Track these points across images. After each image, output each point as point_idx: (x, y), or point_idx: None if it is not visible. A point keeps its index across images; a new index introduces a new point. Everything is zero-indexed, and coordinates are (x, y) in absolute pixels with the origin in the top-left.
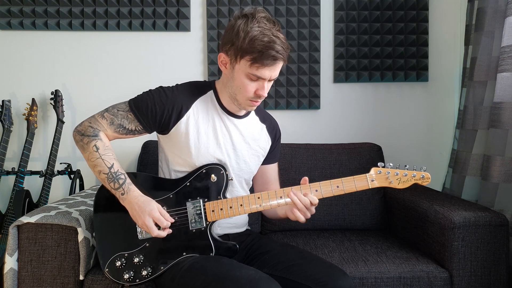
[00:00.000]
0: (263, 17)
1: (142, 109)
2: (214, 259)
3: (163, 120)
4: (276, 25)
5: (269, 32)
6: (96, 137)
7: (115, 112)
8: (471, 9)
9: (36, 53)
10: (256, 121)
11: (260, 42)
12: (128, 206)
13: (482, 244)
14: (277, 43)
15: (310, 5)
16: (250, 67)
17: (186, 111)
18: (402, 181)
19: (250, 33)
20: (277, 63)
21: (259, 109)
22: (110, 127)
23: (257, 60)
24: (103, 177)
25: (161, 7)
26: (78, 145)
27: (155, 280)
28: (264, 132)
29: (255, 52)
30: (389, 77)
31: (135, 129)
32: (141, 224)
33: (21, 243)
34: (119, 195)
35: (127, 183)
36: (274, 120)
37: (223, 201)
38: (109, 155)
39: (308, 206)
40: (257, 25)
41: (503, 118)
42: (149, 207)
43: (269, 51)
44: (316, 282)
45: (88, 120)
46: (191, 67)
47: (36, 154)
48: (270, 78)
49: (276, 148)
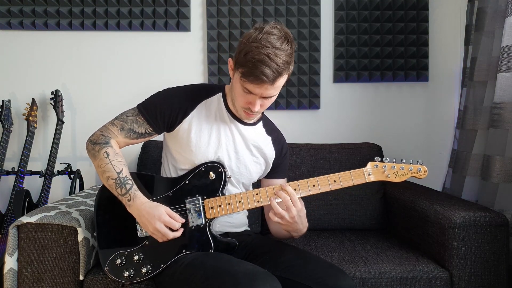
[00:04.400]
0: (271, 33)
1: (151, 110)
2: (213, 255)
3: (171, 118)
4: (284, 44)
5: (265, 51)
6: (107, 144)
7: (124, 118)
8: (471, 9)
9: (36, 53)
10: (262, 132)
11: (251, 58)
12: (136, 213)
13: (482, 244)
14: (267, 64)
15: (310, 5)
16: (240, 79)
17: (191, 111)
18: (399, 175)
19: (247, 47)
20: (264, 84)
21: (268, 122)
22: (120, 133)
23: (244, 75)
24: (111, 183)
25: (161, 7)
26: (89, 154)
27: (155, 277)
28: (269, 144)
29: (246, 67)
30: (389, 77)
31: (145, 132)
32: (152, 230)
33: (21, 243)
34: (126, 201)
35: (133, 189)
36: (281, 135)
37: (222, 198)
38: (119, 161)
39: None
40: (259, 40)
41: (503, 118)
42: (157, 212)
43: (255, 70)
44: (316, 282)
45: (99, 129)
46: (191, 67)
47: (36, 154)
48: (261, 95)
49: (283, 164)
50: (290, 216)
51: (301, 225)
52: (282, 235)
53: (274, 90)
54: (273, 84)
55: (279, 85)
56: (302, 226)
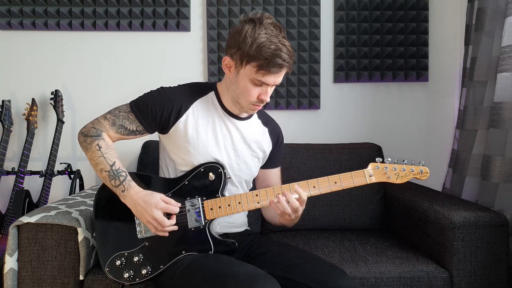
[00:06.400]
0: (270, 23)
1: (142, 110)
2: (213, 257)
3: (163, 120)
4: (282, 32)
5: (276, 40)
6: (98, 137)
7: (116, 114)
8: (471, 9)
9: (36, 53)
10: (258, 124)
11: (268, 49)
12: (130, 202)
13: (482, 244)
14: (284, 51)
15: (310, 5)
16: (256, 73)
17: (185, 111)
18: (400, 176)
19: (257, 40)
20: (282, 71)
21: (262, 112)
22: (112, 128)
23: (263, 67)
24: (104, 175)
25: (161, 7)
26: (82, 146)
27: (154, 279)
28: (266, 136)
29: (262, 59)
30: (389, 77)
31: (136, 130)
32: (148, 218)
33: (21, 243)
34: (120, 192)
35: (127, 180)
36: (277, 124)
37: (221, 199)
38: (111, 154)
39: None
40: (264, 31)
41: (503, 118)
42: (153, 199)
43: (276, 59)
44: (316, 282)
45: (91, 122)
46: (191, 67)
47: (36, 154)
48: (274, 83)
49: (278, 153)
50: (296, 216)
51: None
52: (277, 222)
53: (283, 75)
54: (289, 69)
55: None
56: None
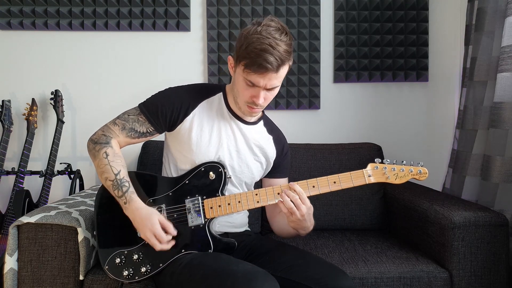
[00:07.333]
0: (269, 25)
1: (152, 110)
2: (212, 255)
3: (173, 118)
4: (283, 35)
5: (267, 41)
6: (107, 144)
7: (126, 117)
8: (471, 9)
9: (36, 53)
10: (263, 130)
11: (254, 49)
12: (131, 216)
13: (482, 244)
14: (270, 53)
15: (310, 5)
16: (243, 72)
17: (192, 110)
18: (399, 176)
19: (248, 39)
20: (268, 73)
21: (269, 121)
22: (122, 132)
23: (248, 66)
24: (109, 185)
25: (161, 7)
26: (90, 153)
27: (154, 277)
28: (270, 143)
29: (248, 58)
30: (389, 77)
31: (147, 131)
32: (143, 237)
33: (21, 243)
34: (122, 203)
35: (129, 192)
36: (282, 135)
37: (221, 198)
38: (117, 162)
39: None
40: (259, 32)
41: (503, 118)
42: (150, 222)
43: (258, 59)
44: (316, 282)
45: (101, 128)
46: (191, 67)
47: (36, 154)
48: (265, 87)
49: (284, 163)
50: (301, 214)
51: (309, 223)
52: (287, 232)
53: (277, 81)
54: (277, 73)
55: (282, 75)
56: (309, 224)
